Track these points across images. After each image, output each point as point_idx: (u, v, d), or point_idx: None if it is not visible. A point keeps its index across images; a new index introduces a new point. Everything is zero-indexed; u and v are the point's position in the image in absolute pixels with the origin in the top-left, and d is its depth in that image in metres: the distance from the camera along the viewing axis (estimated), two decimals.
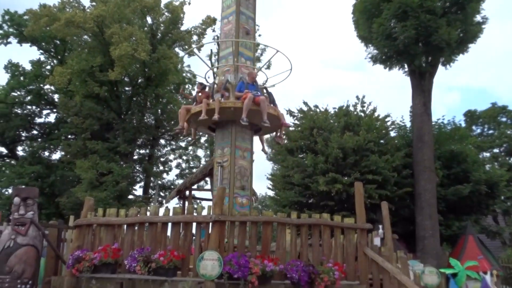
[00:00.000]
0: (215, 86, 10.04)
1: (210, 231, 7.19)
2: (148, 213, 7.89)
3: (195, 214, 7.44)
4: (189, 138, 29.59)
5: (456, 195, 17.67)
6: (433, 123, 19.42)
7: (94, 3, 27.63)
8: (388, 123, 19.35)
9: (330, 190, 16.26)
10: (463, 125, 28.60)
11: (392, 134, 19.90)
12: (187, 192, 16.32)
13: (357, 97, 19.65)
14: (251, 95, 9.22)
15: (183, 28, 29.44)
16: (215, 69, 11.38)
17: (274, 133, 11.37)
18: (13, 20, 29.94)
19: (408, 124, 20.41)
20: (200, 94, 10.16)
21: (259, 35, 27.99)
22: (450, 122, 21.15)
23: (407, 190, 17.31)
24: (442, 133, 19.96)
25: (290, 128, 19.79)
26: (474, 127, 34.22)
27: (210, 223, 7.20)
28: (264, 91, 10.32)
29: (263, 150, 11.31)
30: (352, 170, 16.81)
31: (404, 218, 17.66)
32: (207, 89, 10.34)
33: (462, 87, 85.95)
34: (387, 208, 9.11)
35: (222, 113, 9.40)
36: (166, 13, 28.79)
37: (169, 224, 7.52)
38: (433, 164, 17.69)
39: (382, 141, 18.29)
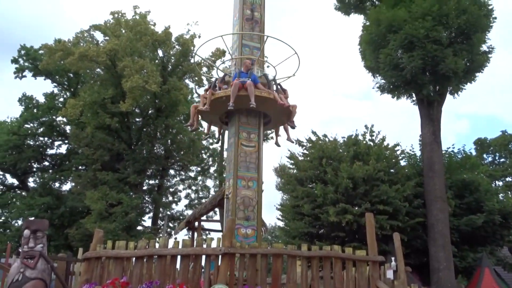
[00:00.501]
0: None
1: (219, 264, 7.11)
2: (157, 246, 7.84)
3: (204, 246, 7.38)
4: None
5: (469, 225, 17.34)
6: (443, 152, 19.27)
7: (107, 38, 28.41)
8: (398, 152, 19.25)
9: (340, 220, 16.06)
10: (474, 153, 28.37)
11: (402, 163, 19.75)
12: (196, 223, 16.21)
13: (366, 126, 19.64)
14: (237, 82, 9.55)
15: (193, 60, 30.05)
16: (221, 67, 11.78)
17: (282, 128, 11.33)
18: (29, 54, 30.83)
19: (418, 153, 20.29)
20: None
21: (268, 66, 28.32)
22: (460, 150, 21.00)
23: (419, 220, 17.03)
24: (452, 162, 19.78)
25: (299, 158, 19.80)
26: (485, 156, 33.93)
27: (220, 256, 7.13)
28: (265, 79, 10.49)
29: (288, 139, 11.06)
30: (363, 200, 16.64)
31: (417, 249, 17.31)
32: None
33: (471, 115, 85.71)
34: (399, 239, 8.96)
35: (218, 104, 9.88)
36: (176, 46, 29.47)
37: (178, 257, 7.45)
38: (445, 194, 17.46)
39: (392, 170, 18.15)
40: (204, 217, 17.05)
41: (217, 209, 18.55)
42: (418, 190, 17.77)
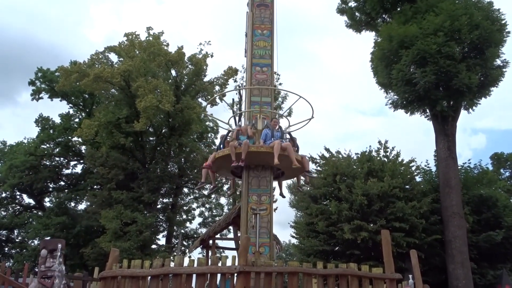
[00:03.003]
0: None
1: (235, 282, 7.07)
2: (172, 264, 7.84)
3: (219, 265, 7.37)
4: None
5: (488, 242, 17.00)
6: (459, 167, 19.05)
7: (121, 59, 28.93)
8: (413, 168, 19.06)
9: (355, 238, 15.90)
10: (491, 168, 27.89)
11: (418, 179, 19.56)
12: (211, 242, 16.17)
13: (380, 142, 19.56)
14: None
15: (206, 79, 30.36)
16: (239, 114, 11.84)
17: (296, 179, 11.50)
18: (46, 76, 31.49)
19: (434, 169, 20.08)
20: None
21: (280, 83, 28.53)
22: (476, 165, 20.70)
23: (437, 237, 16.77)
24: (469, 177, 19.51)
25: (313, 175, 19.73)
26: (502, 171, 33.35)
27: (235, 274, 7.10)
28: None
29: (298, 187, 11.87)
30: (378, 217, 16.46)
31: (435, 266, 16.98)
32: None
33: (487, 130, 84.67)
34: (416, 256, 8.83)
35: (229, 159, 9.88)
36: (189, 66, 29.83)
37: (194, 275, 7.44)
38: (462, 210, 17.20)
39: (407, 186, 17.97)
40: (218, 235, 17.01)
41: (231, 227, 18.48)
42: (434, 206, 17.53)
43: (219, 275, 7.45)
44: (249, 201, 9.91)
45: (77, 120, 32.31)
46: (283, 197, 11.98)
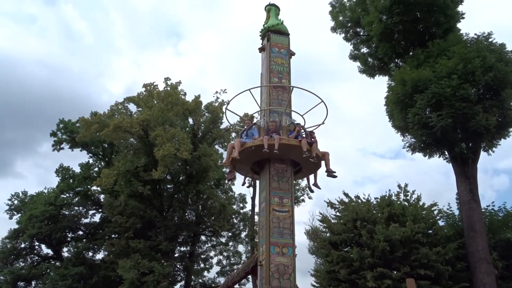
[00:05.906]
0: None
1: None
2: None
3: None
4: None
5: None
6: (483, 210, 18.52)
7: (140, 109, 29.71)
8: (435, 212, 18.59)
9: (379, 286, 15.34)
10: None
11: (441, 223, 19.03)
12: None
13: (399, 186, 19.24)
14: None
15: (222, 126, 30.83)
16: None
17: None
18: (67, 127, 32.38)
19: (456, 212, 19.57)
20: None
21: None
22: (501, 208, 20.07)
23: (464, 285, 16.06)
24: (494, 220, 18.91)
25: (332, 221, 19.39)
26: None
27: None
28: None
29: (315, 184, 11.22)
30: (402, 264, 15.93)
31: None
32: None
33: (509, 170, 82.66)
34: None
35: (247, 153, 10.48)
36: (206, 114, 30.44)
37: None
38: (489, 255, 16.55)
39: (430, 231, 17.45)
40: (237, 285, 16.59)
41: (249, 276, 18.06)
42: (460, 252, 16.93)
43: None
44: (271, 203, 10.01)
45: (96, 169, 32.83)
46: (312, 191, 11.58)
